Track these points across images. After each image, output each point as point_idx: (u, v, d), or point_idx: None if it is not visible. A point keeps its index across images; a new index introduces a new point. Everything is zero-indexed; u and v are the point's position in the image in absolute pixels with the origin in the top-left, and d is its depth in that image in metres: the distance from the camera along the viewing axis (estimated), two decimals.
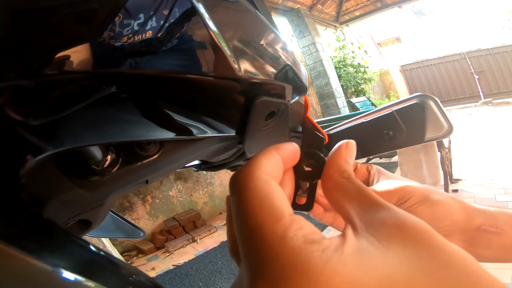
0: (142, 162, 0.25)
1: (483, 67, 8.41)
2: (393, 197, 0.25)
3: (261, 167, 0.17)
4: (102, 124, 0.18)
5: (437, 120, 0.39)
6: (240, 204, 0.15)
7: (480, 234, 0.25)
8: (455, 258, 0.13)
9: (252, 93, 0.23)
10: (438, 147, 2.60)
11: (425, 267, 0.12)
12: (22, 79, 0.14)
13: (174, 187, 3.36)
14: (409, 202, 0.25)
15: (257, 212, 0.14)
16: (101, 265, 0.15)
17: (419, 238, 0.14)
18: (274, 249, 0.13)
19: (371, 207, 0.16)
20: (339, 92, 5.88)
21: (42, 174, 0.21)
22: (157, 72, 0.18)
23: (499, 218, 0.25)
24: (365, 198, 0.17)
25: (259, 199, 0.15)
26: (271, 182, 0.16)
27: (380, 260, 0.13)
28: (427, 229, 0.14)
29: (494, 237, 0.25)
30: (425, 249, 0.13)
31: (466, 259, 0.13)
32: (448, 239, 0.24)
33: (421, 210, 0.25)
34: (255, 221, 0.14)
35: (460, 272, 0.12)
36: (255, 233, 0.14)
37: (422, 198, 0.25)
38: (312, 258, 0.12)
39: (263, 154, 0.18)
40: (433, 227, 0.24)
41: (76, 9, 0.15)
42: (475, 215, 0.25)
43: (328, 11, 6.55)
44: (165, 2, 0.19)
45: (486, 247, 0.25)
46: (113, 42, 0.17)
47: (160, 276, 2.41)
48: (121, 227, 0.58)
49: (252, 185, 0.15)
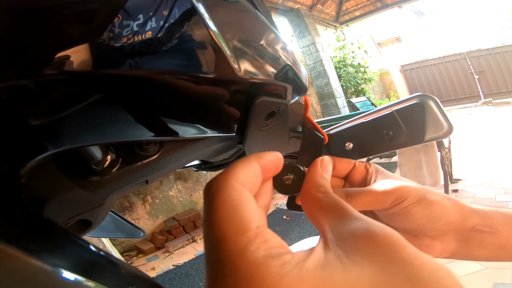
0: (142, 162, 0.25)
1: (483, 67, 8.41)
2: (390, 197, 0.25)
3: (236, 175, 0.16)
4: (102, 124, 0.18)
5: (437, 120, 0.39)
6: (209, 212, 0.15)
7: (474, 234, 0.25)
8: (425, 272, 0.12)
9: (252, 93, 0.23)
10: (438, 147, 2.60)
11: (390, 282, 0.12)
12: (22, 79, 0.14)
13: (174, 187, 3.36)
14: (406, 202, 0.25)
15: (224, 222, 0.14)
16: (101, 265, 0.15)
17: (388, 251, 0.13)
18: (233, 262, 0.13)
19: (345, 219, 0.16)
20: (339, 92, 5.88)
21: (42, 174, 0.21)
22: (157, 72, 0.18)
23: (494, 218, 0.26)
24: (340, 211, 0.17)
25: (228, 209, 0.15)
26: (243, 193, 0.16)
27: (341, 276, 0.12)
28: (398, 241, 0.14)
29: (488, 237, 0.25)
30: (393, 263, 0.13)
31: (438, 273, 0.12)
32: (442, 238, 0.25)
33: (417, 211, 0.25)
34: (220, 232, 0.14)
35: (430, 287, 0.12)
36: (219, 244, 0.14)
37: (419, 199, 0.25)
38: (268, 273, 0.12)
39: (241, 162, 0.18)
40: (428, 227, 0.25)
41: (76, 9, 0.15)
42: (470, 216, 0.26)
43: (328, 11, 6.55)
44: (165, 2, 0.19)
45: (480, 246, 0.25)
46: (113, 42, 0.17)
47: (160, 276, 2.41)
48: (121, 227, 0.58)
49: (224, 194, 0.15)
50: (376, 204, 0.25)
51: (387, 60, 10.32)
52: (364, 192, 0.26)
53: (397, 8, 6.65)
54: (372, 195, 0.25)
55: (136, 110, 0.19)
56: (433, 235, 0.26)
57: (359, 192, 0.25)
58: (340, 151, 0.37)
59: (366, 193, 0.25)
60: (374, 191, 0.26)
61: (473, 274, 1.64)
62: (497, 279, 1.56)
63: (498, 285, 1.53)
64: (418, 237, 0.26)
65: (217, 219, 0.15)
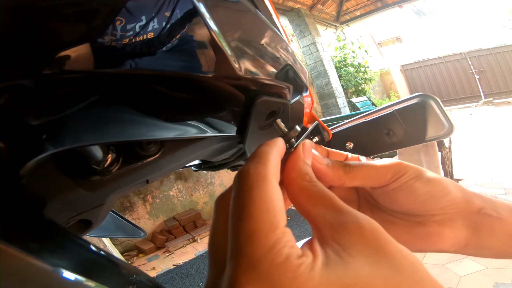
0: (143, 162, 0.25)
1: (484, 67, 8.41)
2: (389, 171, 0.24)
3: (272, 169, 0.17)
4: (103, 123, 0.18)
5: (438, 119, 0.39)
6: (244, 204, 0.16)
7: (482, 218, 0.24)
8: (406, 263, 0.14)
9: (252, 92, 0.23)
10: (439, 147, 2.59)
11: (383, 274, 0.14)
12: (23, 79, 0.14)
13: (175, 187, 3.36)
14: (405, 177, 0.24)
15: (259, 216, 0.15)
16: (101, 265, 0.15)
17: (377, 245, 0.15)
18: (261, 256, 0.14)
19: (334, 211, 0.16)
20: (339, 92, 5.88)
21: (43, 174, 0.21)
22: (157, 72, 0.18)
23: (497, 203, 0.24)
24: (329, 203, 0.17)
25: (266, 204, 0.15)
26: (278, 190, 0.17)
27: (343, 272, 0.14)
28: (383, 235, 0.15)
29: (497, 223, 0.23)
30: (382, 256, 0.14)
31: (415, 264, 0.14)
32: (451, 224, 0.24)
33: (418, 186, 0.24)
34: (255, 225, 0.15)
35: (411, 277, 0.14)
36: (251, 236, 0.14)
37: (417, 174, 0.24)
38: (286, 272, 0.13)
39: (272, 154, 0.19)
40: (433, 207, 0.24)
41: (77, 9, 0.15)
42: (474, 197, 0.24)
43: (329, 11, 6.54)
44: (166, 2, 0.19)
45: (491, 235, 0.24)
46: (114, 42, 0.17)
47: (161, 276, 2.41)
48: (122, 227, 0.58)
49: (263, 189, 0.16)
50: (374, 178, 0.24)
51: (387, 60, 10.32)
52: (363, 165, 0.24)
53: (397, 8, 6.64)
54: (371, 168, 0.24)
55: (136, 110, 0.19)
56: (440, 220, 0.24)
57: (358, 165, 0.24)
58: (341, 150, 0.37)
59: (365, 166, 0.24)
60: (373, 165, 0.24)
61: (473, 274, 1.64)
62: (497, 279, 1.56)
63: (499, 285, 1.52)
64: (426, 224, 0.24)
65: (254, 211, 0.15)
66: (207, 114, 0.22)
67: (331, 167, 0.23)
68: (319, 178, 0.22)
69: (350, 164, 0.24)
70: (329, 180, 0.23)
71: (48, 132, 0.16)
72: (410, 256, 0.15)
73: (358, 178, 0.24)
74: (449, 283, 1.62)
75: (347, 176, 0.23)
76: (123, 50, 0.17)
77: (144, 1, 0.18)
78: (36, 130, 0.15)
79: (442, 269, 1.75)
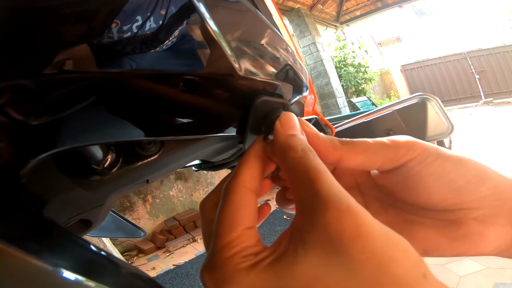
0: (143, 162, 0.25)
1: (484, 67, 8.40)
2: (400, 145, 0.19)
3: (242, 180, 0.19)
4: (103, 123, 0.18)
5: (438, 119, 0.39)
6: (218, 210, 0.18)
7: None
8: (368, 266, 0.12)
9: (252, 92, 0.23)
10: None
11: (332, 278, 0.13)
12: (23, 79, 0.14)
13: (175, 187, 3.36)
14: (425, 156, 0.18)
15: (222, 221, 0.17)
16: (101, 265, 0.15)
17: (338, 243, 0.13)
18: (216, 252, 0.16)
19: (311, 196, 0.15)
20: (339, 91, 5.87)
21: (43, 174, 0.21)
22: (157, 72, 0.18)
23: None
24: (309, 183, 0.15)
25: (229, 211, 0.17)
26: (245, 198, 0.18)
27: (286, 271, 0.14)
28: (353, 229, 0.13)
29: None
30: (341, 256, 0.13)
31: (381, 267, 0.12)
32: (495, 221, 0.18)
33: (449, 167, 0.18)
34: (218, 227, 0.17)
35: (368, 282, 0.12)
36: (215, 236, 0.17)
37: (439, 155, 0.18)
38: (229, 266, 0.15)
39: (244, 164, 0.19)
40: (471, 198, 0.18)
41: (76, 9, 0.15)
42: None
43: (329, 11, 6.54)
44: (166, 2, 0.19)
45: None
46: (114, 42, 0.17)
47: (161, 276, 2.41)
48: (122, 227, 0.58)
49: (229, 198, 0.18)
50: (384, 155, 0.18)
51: (387, 59, 10.32)
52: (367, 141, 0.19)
53: (397, 8, 6.64)
54: (375, 141, 0.19)
55: (136, 110, 0.19)
56: (481, 216, 0.18)
57: (360, 140, 0.19)
58: None
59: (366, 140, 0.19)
60: (379, 141, 0.19)
61: (473, 274, 1.64)
62: (497, 279, 1.56)
63: (499, 285, 1.52)
64: (462, 222, 0.18)
65: (219, 217, 0.17)
66: (207, 114, 0.22)
67: (326, 139, 0.19)
68: None
69: (350, 141, 0.19)
70: (324, 155, 0.18)
71: (48, 132, 0.16)
72: (381, 258, 0.12)
73: (359, 151, 0.19)
74: (449, 283, 1.62)
75: (344, 147, 0.19)
76: (123, 50, 0.17)
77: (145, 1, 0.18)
78: (36, 130, 0.15)
79: (442, 269, 1.75)
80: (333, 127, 0.36)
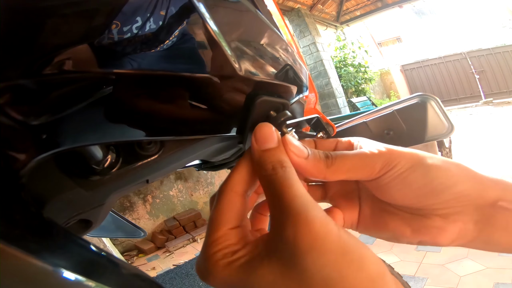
0: (143, 162, 0.25)
1: (484, 67, 8.40)
2: (378, 160, 0.21)
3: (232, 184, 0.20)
4: (103, 123, 0.18)
5: (438, 119, 0.39)
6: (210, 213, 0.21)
7: (496, 211, 0.20)
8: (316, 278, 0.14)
9: (252, 92, 0.23)
10: (439, 147, 2.59)
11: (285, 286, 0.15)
12: (23, 79, 0.14)
13: (175, 187, 3.36)
14: (398, 168, 0.20)
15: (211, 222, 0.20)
16: (101, 265, 0.15)
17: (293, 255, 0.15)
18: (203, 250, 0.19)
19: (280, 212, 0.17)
20: (339, 91, 5.87)
21: (43, 174, 0.21)
22: (157, 72, 0.18)
23: None
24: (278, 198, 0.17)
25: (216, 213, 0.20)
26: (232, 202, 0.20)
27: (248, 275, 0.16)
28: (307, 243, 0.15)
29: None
30: (293, 267, 0.15)
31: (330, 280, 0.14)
32: (457, 218, 0.21)
33: (413, 179, 0.20)
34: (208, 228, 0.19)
35: None
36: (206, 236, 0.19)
37: (413, 164, 0.20)
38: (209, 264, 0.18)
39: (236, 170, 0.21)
40: (432, 202, 0.21)
41: (76, 9, 0.15)
42: (489, 187, 0.20)
43: (329, 11, 6.54)
44: (166, 3, 0.19)
45: (504, 229, 0.20)
46: (114, 42, 0.17)
47: (161, 276, 2.41)
48: (122, 227, 0.58)
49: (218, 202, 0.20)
50: (362, 170, 0.21)
51: (387, 59, 10.32)
52: (347, 155, 0.21)
53: (397, 8, 6.64)
54: (356, 158, 0.21)
55: (137, 110, 0.19)
56: (444, 214, 0.21)
57: (341, 156, 0.21)
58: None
59: (349, 156, 0.21)
60: (359, 153, 0.21)
61: (473, 274, 1.64)
62: (497, 279, 1.56)
63: (499, 285, 1.52)
64: (427, 217, 0.21)
65: (210, 217, 0.20)
66: (207, 114, 0.22)
67: (311, 160, 0.21)
68: (298, 172, 0.20)
69: (333, 155, 0.21)
70: (309, 175, 0.21)
71: (49, 132, 0.16)
72: (331, 273, 0.14)
73: (342, 171, 0.21)
74: (449, 283, 1.62)
75: (329, 170, 0.21)
76: (124, 50, 0.17)
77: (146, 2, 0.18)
78: (37, 130, 0.15)
79: (442, 269, 1.75)
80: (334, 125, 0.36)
